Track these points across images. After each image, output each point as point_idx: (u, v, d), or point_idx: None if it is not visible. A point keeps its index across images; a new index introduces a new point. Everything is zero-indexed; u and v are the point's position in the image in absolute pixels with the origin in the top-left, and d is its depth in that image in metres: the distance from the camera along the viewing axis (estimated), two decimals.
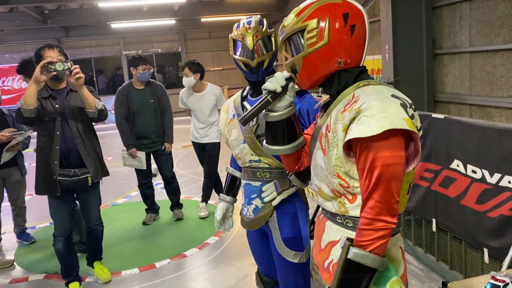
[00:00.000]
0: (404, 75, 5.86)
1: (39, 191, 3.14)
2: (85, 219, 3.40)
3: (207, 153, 4.71)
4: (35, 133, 3.74)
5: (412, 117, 1.24)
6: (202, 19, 12.98)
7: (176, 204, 4.88)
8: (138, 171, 4.67)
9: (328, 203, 1.43)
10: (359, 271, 1.23)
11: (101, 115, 3.11)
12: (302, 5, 1.40)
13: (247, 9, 11.45)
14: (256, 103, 1.44)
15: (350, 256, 1.22)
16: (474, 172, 2.66)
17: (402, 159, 1.24)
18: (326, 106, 1.52)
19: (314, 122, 1.59)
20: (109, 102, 14.10)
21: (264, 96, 1.43)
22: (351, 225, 1.38)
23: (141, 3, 10.01)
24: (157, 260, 3.83)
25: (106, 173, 3.33)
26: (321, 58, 1.34)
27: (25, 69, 3.94)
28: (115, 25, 12.41)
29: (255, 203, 2.04)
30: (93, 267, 3.53)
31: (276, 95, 1.42)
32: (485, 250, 2.63)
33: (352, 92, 1.33)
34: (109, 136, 11.50)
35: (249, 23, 1.94)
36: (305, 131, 1.63)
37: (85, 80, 2.98)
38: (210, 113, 4.63)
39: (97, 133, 4.19)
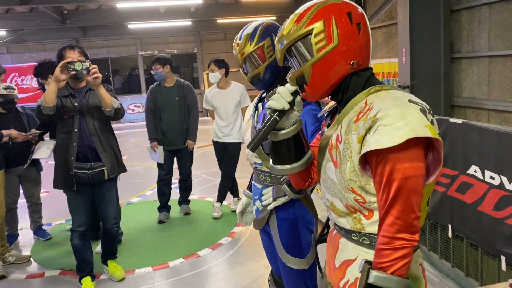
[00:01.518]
0: (421, 79, 5.80)
1: (56, 185, 3.25)
2: (102, 218, 3.44)
3: (227, 153, 4.76)
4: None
5: (432, 123, 1.15)
6: (218, 21, 13.04)
7: (185, 200, 5.05)
8: (159, 166, 4.83)
9: (342, 219, 1.32)
10: None
11: (118, 114, 3.19)
12: (299, 11, 1.29)
13: (262, 10, 11.48)
14: (262, 125, 1.28)
15: (371, 280, 1.13)
16: (492, 178, 2.62)
17: (422, 171, 1.14)
18: (332, 114, 1.43)
19: (320, 132, 1.46)
20: (124, 102, 14.28)
21: (269, 116, 1.28)
22: (368, 242, 1.28)
23: (158, 4, 10.09)
24: (170, 259, 3.86)
25: (123, 169, 3.40)
26: (332, 62, 1.24)
27: (41, 72, 4.09)
28: (132, 25, 12.53)
29: (257, 205, 2.07)
30: (108, 265, 3.57)
31: (283, 113, 1.27)
32: (503, 258, 2.59)
33: (364, 98, 1.24)
34: (125, 135, 11.63)
35: (240, 37, 1.94)
36: (310, 143, 1.53)
37: (102, 80, 3.06)
38: (234, 110, 4.70)
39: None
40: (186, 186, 4.99)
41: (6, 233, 4.15)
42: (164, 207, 4.88)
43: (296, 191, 1.81)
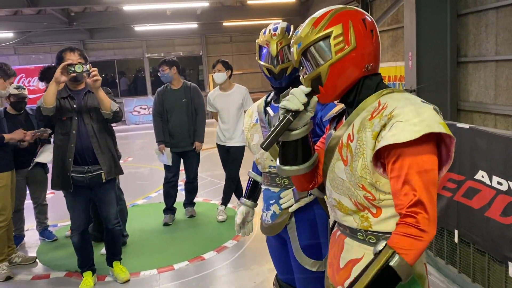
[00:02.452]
0: (427, 83, 5.78)
1: (54, 185, 3.28)
2: (103, 219, 3.46)
3: (231, 157, 4.76)
4: None
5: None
6: (224, 23, 13.07)
7: (190, 202, 5.07)
8: (166, 168, 4.85)
9: (349, 218, 1.35)
10: (391, 282, 1.16)
11: (116, 117, 3.22)
12: (316, 15, 1.35)
13: (268, 14, 11.50)
14: (276, 125, 1.31)
15: (393, 263, 1.14)
16: (499, 183, 2.61)
17: (436, 165, 1.20)
18: (339, 117, 1.48)
19: (327, 134, 1.50)
20: (130, 104, 14.34)
21: (283, 116, 1.31)
22: (374, 241, 1.29)
23: (164, 6, 10.14)
24: (175, 262, 3.86)
25: (119, 171, 3.43)
26: (349, 64, 1.30)
27: (47, 76, 4.08)
28: (139, 28, 12.59)
29: (273, 209, 2.04)
30: (113, 267, 3.58)
31: (297, 114, 1.31)
32: (510, 264, 2.57)
33: (376, 99, 1.29)
34: (130, 137, 11.67)
35: (275, 29, 1.95)
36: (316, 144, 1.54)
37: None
38: (236, 113, 4.70)
39: (119, 134, 4.27)
40: (192, 189, 5.00)
41: (13, 234, 4.18)
42: (169, 209, 4.89)
43: (322, 188, 1.80)
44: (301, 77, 1.38)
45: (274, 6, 11.53)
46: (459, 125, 3.01)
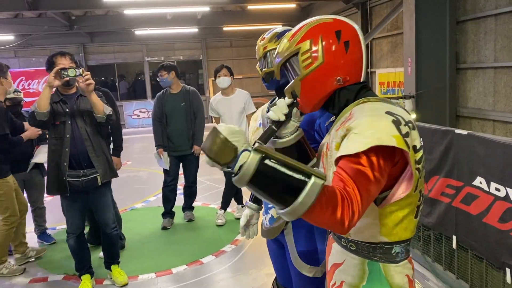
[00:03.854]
0: (427, 89, 5.81)
1: (49, 191, 3.27)
2: (100, 223, 3.46)
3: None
4: None
5: (406, 135, 1.18)
6: (224, 28, 13.11)
7: (189, 206, 5.07)
8: (165, 172, 4.86)
9: None
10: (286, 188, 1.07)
11: (109, 120, 3.23)
12: (293, 29, 1.39)
13: (268, 19, 11.53)
14: (261, 134, 1.41)
15: (309, 183, 1.05)
16: (497, 190, 2.62)
17: (378, 180, 1.15)
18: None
19: None
20: (129, 107, 14.35)
21: (268, 125, 1.41)
22: (354, 248, 1.33)
23: (165, 11, 10.16)
24: (173, 266, 3.85)
25: (114, 174, 3.43)
26: (318, 79, 1.32)
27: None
28: (139, 32, 12.62)
29: (272, 213, 2.05)
30: (111, 270, 3.58)
31: (280, 123, 1.40)
32: (508, 270, 2.57)
33: (351, 110, 1.31)
34: (130, 140, 11.66)
35: (267, 34, 1.98)
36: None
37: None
38: (238, 117, 4.71)
39: None
40: (191, 193, 5.00)
41: (25, 230, 4.21)
42: (168, 213, 4.89)
43: None
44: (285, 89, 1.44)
45: (274, 11, 11.57)
46: (457, 131, 3.02)
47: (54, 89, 3.11)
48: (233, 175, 1.12)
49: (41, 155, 4.11)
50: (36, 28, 11.69)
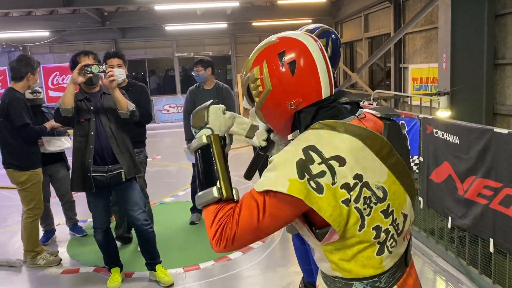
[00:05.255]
0: (462, 86, 5.62)
1: (74, 187, 3.31)
2: (129, 219, 3.48)
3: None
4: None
5: (316, 175, 1.10)
6: (254, 23, 13.07)
7: None
8: (194, 166, 4.83)
9: None
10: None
11: (133, 116, 3.25)
12: (250, 56, 1.32)
13: (298, 13, 11.42)
14: (251, 160, 1.51)
15: (214, 191, 1.21)
16: None
17: (266, 221, 1.13)
18: None
19: None
20: (159, 102, 14.53)
21: (256, 152, 1.48)
22: (323, 276, 1.32)
23: (195, 6, 10.21)
24: (201, 261, 3.87)
25: (138, 171, 3.44)
26: (272, 106, 1.25)
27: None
28: (169, 27, 12.73)
29: None
30: (155, 271, 3.52)
31: (265, 148, 1.43)
32: None
33: None
34: (159, 135, 11.82)
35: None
36: None
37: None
38: None
39: (148, 132, 4.32)
40: None
41: (42, 230, 4.29)
42: (196, 208, 4.90)
43: None
44: None
45: (304, 6, 11.44)
46: (497, 130, 2.90)
47: (78, 87, 3.15)
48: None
49: (51, 143, 4.11)
50: (70, 24, 11.96)
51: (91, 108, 3.22)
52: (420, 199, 3.85)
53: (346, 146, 1.15)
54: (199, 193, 1.23)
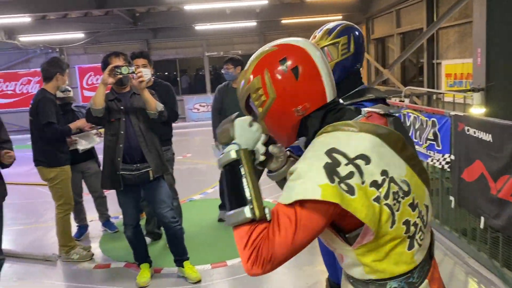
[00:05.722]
0: (497, 81, 5.42)
1: (103, 185, 3.43)
2: (157, 217, 3.54)
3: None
4: None
5: (346, 177, 1.08)
6: (283, 21, 13.04)
7: None
8: None
9: None
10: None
11: (161, 116, 3.31)
12: (246, 65, 1.30)
13: (328, 10, 11.30)
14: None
15: (246, 211, 1.17)
16: None
17: (307, 231, 1.11)
18: None
19: None
20: (190, 101, 14.72)
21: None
22: (352, 281, 1.30)
23: (225, 5, 10.28)
24: (228, 258, 3.90)
25: (166, 169, 3.50)
26: (277, 115, 1.23)
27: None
28: (199, 27, 12.87)
29: None
30: (183, 267, 3.59)
31: (263, 163, 1.38)
32: None
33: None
34: (190, 134, 11.98)
35: (320, 31, 1.96)
36: None
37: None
38: None
39: (178, 130, 4.37)
40: None
41: (76, 225, 4.44)
42: (225, 205, 4.96)
43: None
44: None
45: (333, 3, 11.31)
46: None
47: (109, 88, 3.24)
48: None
49: (83, 142, 4.25)
50: (103, 25, 12.28)
51: (121, 108, 3.30)
52: (451, 198, 3.75)
53: (367, 144, 1.15)
54: (230, 212, 1.17)
